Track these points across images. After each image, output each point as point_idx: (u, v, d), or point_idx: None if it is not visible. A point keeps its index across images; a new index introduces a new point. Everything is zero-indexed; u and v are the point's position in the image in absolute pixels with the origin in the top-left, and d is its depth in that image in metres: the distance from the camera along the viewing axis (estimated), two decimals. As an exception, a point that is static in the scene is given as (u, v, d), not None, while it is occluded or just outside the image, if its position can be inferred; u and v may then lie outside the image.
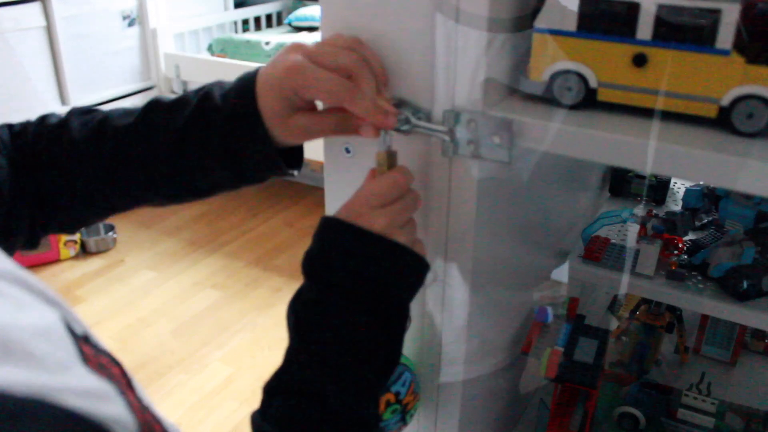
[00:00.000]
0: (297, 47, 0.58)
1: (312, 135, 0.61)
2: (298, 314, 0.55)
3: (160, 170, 0.63)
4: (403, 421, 0.68)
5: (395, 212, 0.56)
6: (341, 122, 0.60)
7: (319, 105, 0.62)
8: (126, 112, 0.64)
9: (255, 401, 0.53)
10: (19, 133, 0.65)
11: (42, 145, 0.64)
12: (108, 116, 0.64)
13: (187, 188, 0.65)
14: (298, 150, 0.65)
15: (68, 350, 0.35)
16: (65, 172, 0.64)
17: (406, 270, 0.57)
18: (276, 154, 0.61)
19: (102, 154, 0.63)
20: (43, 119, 0.66)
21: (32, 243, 0.67)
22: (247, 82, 0.60)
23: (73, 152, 0.63)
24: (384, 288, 0.55)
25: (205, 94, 0.61)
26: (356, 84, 0.56)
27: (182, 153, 0.62)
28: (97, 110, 0.66)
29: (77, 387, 0.33)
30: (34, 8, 2.41)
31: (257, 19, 3.30)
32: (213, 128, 0.60)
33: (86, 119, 0.64)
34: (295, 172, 0.64)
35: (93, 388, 0.34)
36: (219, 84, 0.62)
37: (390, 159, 0.58)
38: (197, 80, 2.73)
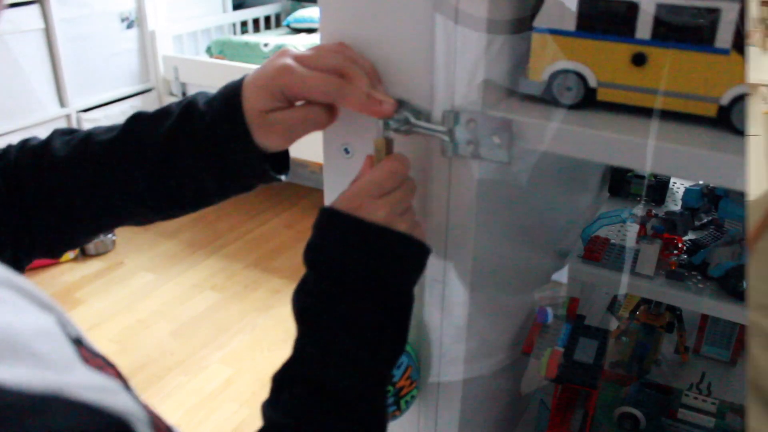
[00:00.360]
0: (285, 52, 0.58)
1: (293, 131, 0.60)
2: (304, 305, 0.55)
3: (145, 182, 0.61)
4: (397, 406, 0.68)
5: (395, 201, 0.56)
6: (320, 114, 0.59)
7: None
8: (109, 128, 0.63)
9: (255, 402, 0.53)
10: (1, 156, 0.64)
11: (24, 167, 0.63)
12: (91, 133, 0.63)
13: (174, 200, 0.64)
14: (285, 156, 0.65)
15: (69, 351, 0.35)
16: (49, 191, 0.63)
17: (410, 258, 0.57)
18: (261, 157, 0.60)
19: (86, 170, 0.62)
20: (25, 142, 0.65)
21: (16, 269, 0.66)
22: (233, 88, 0.59)
23: (56, 171, 0.62)
24: (389, 278, 0.55)
25: (189, 102, 0.61)
26: (347, 81, 0.56)
27: (167, 161, 0.61)
28: (78, 130, 0.65)
29: (87, 383, 0.33)
30: (33, 10, 2.41)
31: (256, 21, 3.31)
32: (197, 133, 0.60)
33: (68, 138, 0.64)
34: (282, 177, 0.64)
35: (101, 384, 0.34)
36: (203, 93, 0.62)
37: (387, 146, 0.59)
38: (196, 82, 2.74)
